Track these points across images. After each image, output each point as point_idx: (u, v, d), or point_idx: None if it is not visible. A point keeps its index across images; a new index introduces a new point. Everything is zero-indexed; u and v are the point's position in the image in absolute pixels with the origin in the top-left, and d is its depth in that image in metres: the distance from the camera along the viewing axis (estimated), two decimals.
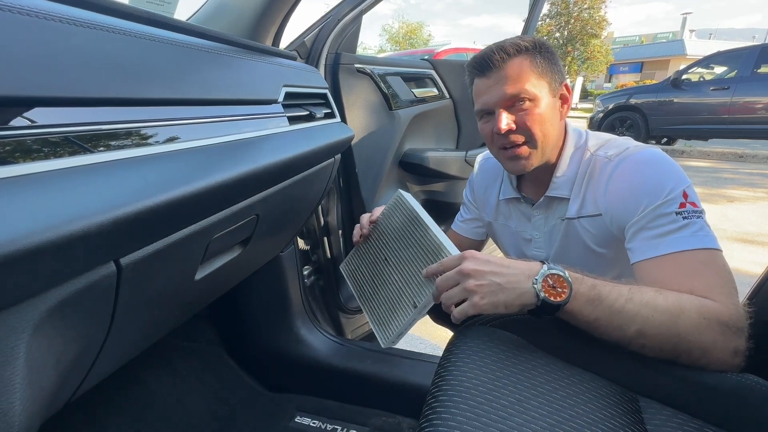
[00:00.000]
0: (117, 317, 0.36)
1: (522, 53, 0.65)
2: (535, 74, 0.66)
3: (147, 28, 0.44)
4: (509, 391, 0.49)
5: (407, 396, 0.90)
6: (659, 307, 0.50)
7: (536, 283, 0.51)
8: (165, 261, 0.40)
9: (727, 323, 0.50)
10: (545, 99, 0.67)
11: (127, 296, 0.37)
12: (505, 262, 0.53)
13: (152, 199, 0.31)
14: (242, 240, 0.58)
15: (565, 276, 0.50)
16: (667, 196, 0.58)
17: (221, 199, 0.44)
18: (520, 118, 0.66)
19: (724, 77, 5.72)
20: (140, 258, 0.36)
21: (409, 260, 0.65)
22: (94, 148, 0.32)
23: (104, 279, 0.32)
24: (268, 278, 0.94)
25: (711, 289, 0.53)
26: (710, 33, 44.19)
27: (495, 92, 0.66)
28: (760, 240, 2.58)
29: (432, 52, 4.67)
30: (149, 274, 0.39)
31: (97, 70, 0.35)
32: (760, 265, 2.21)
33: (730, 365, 0.51)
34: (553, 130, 0.69)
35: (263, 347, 1.01)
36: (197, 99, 0.46)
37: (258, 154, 0.49)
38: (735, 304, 0.52)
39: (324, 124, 0.73)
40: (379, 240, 0.73)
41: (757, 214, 3.09)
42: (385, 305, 0.67)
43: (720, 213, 3.08)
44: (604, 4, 20.28)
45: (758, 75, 5.36)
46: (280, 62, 0.68)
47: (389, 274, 0.68)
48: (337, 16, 0.99)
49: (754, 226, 2.85)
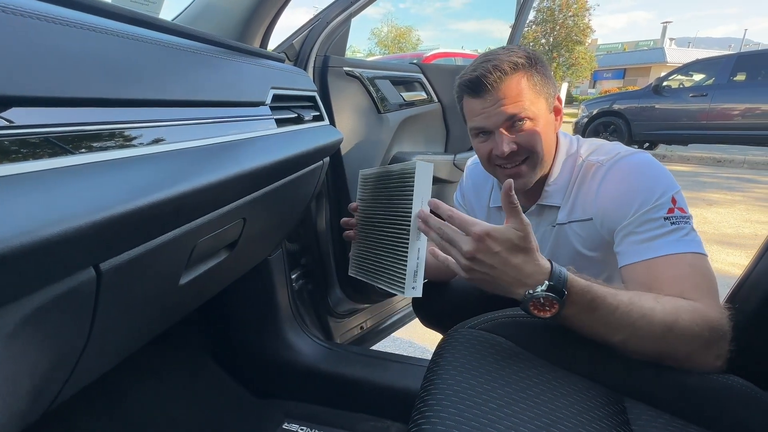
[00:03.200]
0: (97, 324, 0.35)
1: (519, 70, 0.63)
2: (533, 92, 0.64)
3: (131, 28, 0.43)
4: (497, 394, 0.49)
5: (396, 400, 0.89)
6: (656, 318, 0.49)
7: (526, 299, 0.49)
8: (148, 266, 0.39)
9: (715, 329, 0.50)
10: (543, 116, 0.66)
11: (108, 303, 0.36)
12: (514, 261, 0.49)
13: (134, 203, 0.30)
14: (229, 244, 0.57)
15: (560, 301, 0.48)
16: (656, 201, 0.59)
17: (206, 202, 0.43)
18: (521, 138, 0.65)
19: (703, 84, 5.92)
20: (121, 263, 0.35)
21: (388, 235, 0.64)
22: (75, 150, 0.31)
23: (83, 285, 0.31)
24: (255, 282, 0.92)
25: (698, 293, 0.53)
26: (689, 41, 45.67)
27: (494, 114, 0.64)
28: (737, 242, 2.67)
29: (421, 56, 4.70)
30: (131, 279, 0.38)
31: (78, 69, 0.34)
32: (738, 266, 2.28)
33: (713, 367, 0.52)
34: (551, 146, 0.69)
35: (250, 352, 1.00)
36: (182, 100, 0.45)
37: (244, 157, 0.48)
38: (720, 307, 0.53)
39: (312, 126, 0.73)
40: (381, 190, 0.70)
41: (734, 217, 3.19)
42: (362, 245, 0.68)
43: (700, 216, 3.17)
44: (588, 12, 20.79)
45: (734, 83, 5.57)
46: (267, 64, 0.68)
47: (376, 226, 0.68)
48: (326, 18, 0.99)
49: (731, 228, 2.94)
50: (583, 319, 0.51)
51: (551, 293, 0.48)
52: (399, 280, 0.61)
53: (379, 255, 0.67)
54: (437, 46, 23.88)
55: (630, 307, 0.50)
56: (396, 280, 0.61)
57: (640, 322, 0.49)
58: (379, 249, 0.68)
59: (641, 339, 0.50)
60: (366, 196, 0.75)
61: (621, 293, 0.51)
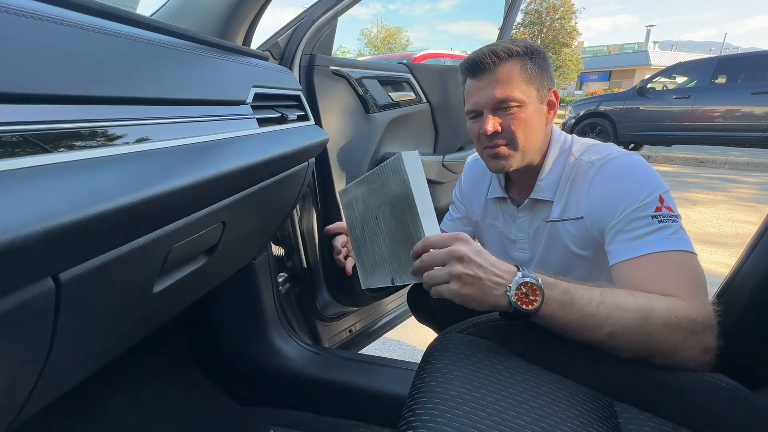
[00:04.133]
0: (58, 340, 0.33)
1: (513, 58, 0.67)
2: (524, 80, 0.67)
3: (102, 22, 0.41)
4: (487, 402, 0.47)
5: (385, 406, 0.88)
6: (629, 308, 0.51)
7: (510, 291, 0.50)
8: (116, 274, 0.36)
9: (696, 320, 0.51)
10: (532, 105, 0.68)
11: (70, 315, 0.33)
12: (490, 259, 0.52)
13: (95, 208, 0.28)
14: (208, 249, 0.54)
15: (539, 284, 0.50)
16: (644, 200, 0.60)
17: (181, 205, 0.41)
18: (506, 121, 0.68)
19: (685, 87, 6.06)
20: (85, 272, 0.32)
21: (395, 233, 0.63)
22: (32, 151, 0.28)
23: (39, 297, 0.29)
24: (239, 286, 0.90)
25: (680, 288, 0.54)
26: (672, 45, 46.83)
27: (484, 94, 0.68)
28: (720, 241, 2.72)
29: (410, 56, 4.71)
30: (97, 289, 0.35)
31: (40, 64, 0.31)
32: (721, 264, 2.33)
33: (701, 363, 0.52)
34: (536, 135, 0.70)
35: (234, 359, 0.97)
36: (154, 98, 0.43)
37: (223, 158, 0.46)
38: (704, 302, 0.54)
39: (297, 126, 0.70)
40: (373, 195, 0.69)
41: (716, 216, 3.26)
42: (369, 257, 0.67)
43: (684, 216, 3.18)
44: (574, 15, 21.14)
45: (716, 85, 5.72)
46: (249, 62, 0.65)
47: (378, 233, 0.68)
48: (311, 16, 0.97)
49: (714, 227, 3.01)
50: (564, 315, 0.52)
51: (527, 278, 0.50)
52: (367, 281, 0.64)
53: (367, 244, 0.68)
54: (427, 47, 24.01)
55: (602, 299, 0.52)
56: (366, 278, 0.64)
57: (615, 312, 0.51)
58: (370, 241, 0.69)
59: (624, 332, 0.51)
60: (356, 207, 0.75)
61: (592, 289, 0.53)
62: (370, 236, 0.70)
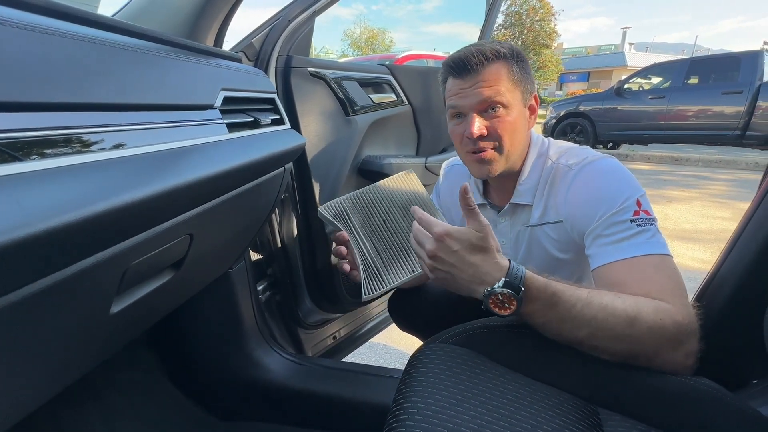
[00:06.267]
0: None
1: (500, 59, 0.66)
2: (510, 82, 0.66)
3: (54, 22, 0.37)
4: (470, 416, 0.46)
5: (369, 415, 0.85)
6: (617, 310, 0.50)
7: (485, 296, 0.50)
8: (63, 297, 0.33)
9: (682, 323, 0.51)
10: (517, 108, 0.67)
11: (10, 343, 0.30)
12: (472, 260, 0.51)
13: (25, 230, 0.25)
14: (174, 263, 0.51)
15: (518, 297, 0.49)
16: (622, 204, 0.60)
17: (138, 219, 0.38)
18: (492, 124, 0.66)
19: (660, 87, 6.25)
20: (24, 297, 0.29)
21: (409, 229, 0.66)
22: None
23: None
24: (215, 297, 0.86)
25: (665, 291, 0.54)
26: (647, 46, 48.35)
27: (470, 95, 0.66)
28: (695, 237, 2.80)
29: (393, 57, 4.71)
30: (41, 313, 0.32)
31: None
32: (698, 260, 2.40)
33: (684, 366, 0.52)
34: (521, 139, 0.70)
35: (212, 372, 0.93)
36: (111, 104, 0.40)
37: (186, 166, 0.43)
38: (687, 306, 0.54)
39: (271, 131, 0.67)
40: (378, 202, 0.74)
41: (692, 213, 3.36)
42: (380, 259, 0.68)
43: (660, 212, 3.32)
44: (553, 17, 21.58)
45: (688, 86, 5.92)
46: (219, 64, 0.62)
47: (387, 234, 0.70)
48: (287, 16, 0.94)
49: (690, 224, 3.10)
50: (545, 315, 0.51)
51: (508, 289, 0.49)
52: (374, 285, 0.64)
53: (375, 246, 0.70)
54: (410, 47, 24.14)
55: (589, 300, 0.51)
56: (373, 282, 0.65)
57: (601, 314, 0.50)
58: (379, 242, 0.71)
59: (606, 333, 0.50)
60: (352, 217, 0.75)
61: (580, 290, 0.52)
62: (380, 237, 0.71)
